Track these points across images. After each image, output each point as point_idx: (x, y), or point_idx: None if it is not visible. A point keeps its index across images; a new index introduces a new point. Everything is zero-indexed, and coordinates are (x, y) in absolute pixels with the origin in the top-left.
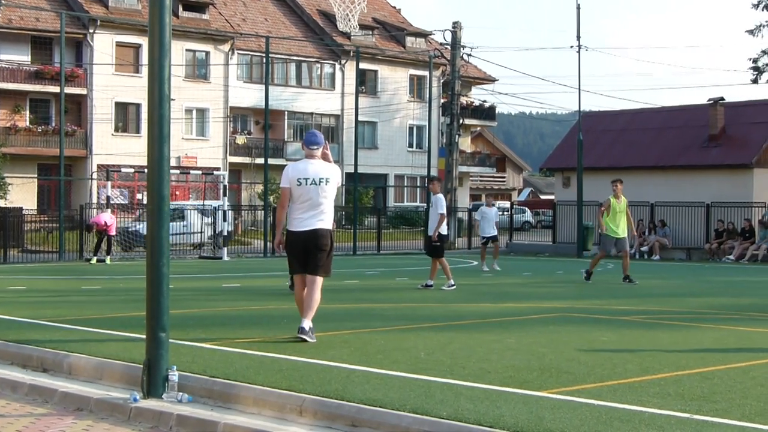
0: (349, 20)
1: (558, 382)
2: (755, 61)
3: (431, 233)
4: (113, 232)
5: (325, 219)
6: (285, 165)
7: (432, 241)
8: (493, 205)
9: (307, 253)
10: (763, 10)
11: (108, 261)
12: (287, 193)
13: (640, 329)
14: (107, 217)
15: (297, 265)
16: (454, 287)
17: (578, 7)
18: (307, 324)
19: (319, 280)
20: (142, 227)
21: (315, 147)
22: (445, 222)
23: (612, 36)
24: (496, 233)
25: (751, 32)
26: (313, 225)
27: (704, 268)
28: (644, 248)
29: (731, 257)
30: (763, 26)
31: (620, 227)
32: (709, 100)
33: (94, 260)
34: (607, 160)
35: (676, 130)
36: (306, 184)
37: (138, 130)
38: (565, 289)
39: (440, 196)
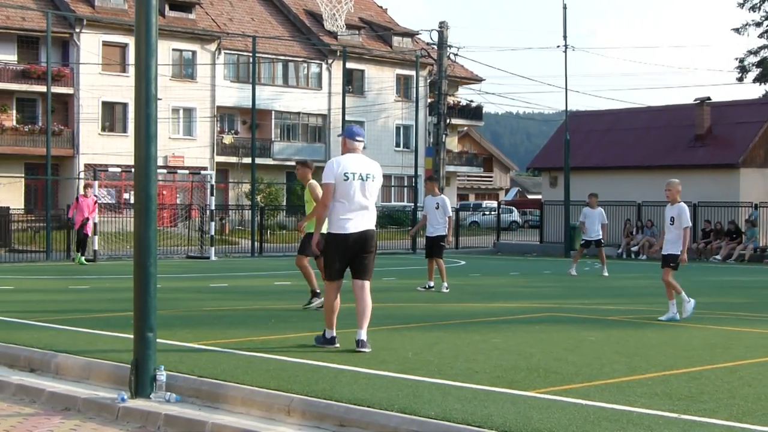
0: (336, 20)
1: (546, 381)
2: (741, 60)
3: (437, 235)
4: (88, 232)
5: (372, 219)
6: (272, 165)
7: (440, 243)
8: (597, 206)
9: (354, 257)
10: (749, 9)
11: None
12: (332, 189)
13: (628, 329)
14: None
15: (339, 270)
16: (432, 289)
17: (564, 8)
18: (364, 334)
19: (369, 285)
20: None
21: (360, 139)
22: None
23: (598, 36)
24: (598, 236)
25: (737, 31)
26: (363, 226)
27: (691, 268)
28: (634, 248)
29: (718, 257)
30: (749, 25)
31: None
32: (695, 99)
33: (82, 259)
34: (594, 159)
35: (663, 129)
36: (353, 179)
37: (125, 130)
38: (553, 289)
39: (444, 197)
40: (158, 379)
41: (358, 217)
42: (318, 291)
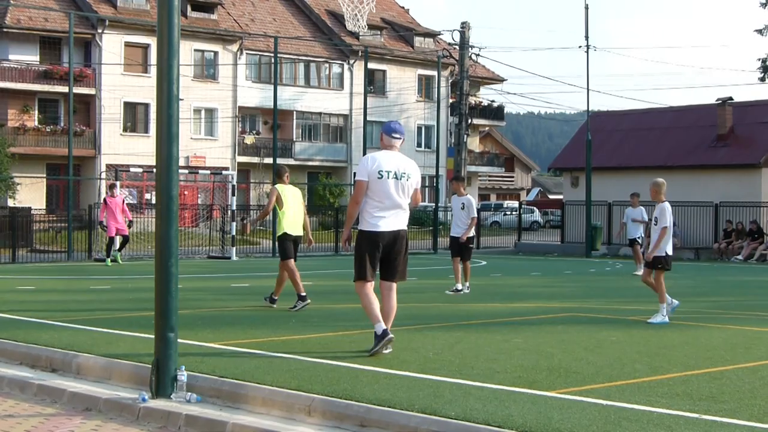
0: (358, 20)
1: (566, 382)
2: (764, 60)
3: (460, 235)
4: (112, 234)
5: (405, 219)
6: (293, 165)
7: (461, 243)
8: (639, 205)
9: (384, 257)
10: None
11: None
12: (364, 186)
13: (649, 329)
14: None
15: (370, 269)
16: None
17: (586, 7)
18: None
19: (395, 287)
20: None
21: (398, 136)
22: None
23: (620, 36)
24: (635, 236)
25: (759, 32)
26: (396, 226)
27: (713, 268)
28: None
29: (740, 257)
30: None
31: None
32: (717, 99)
33: (108, 261)
34: (616, 159)
35: (685, 129)
36: (387, 177)
37: (146, 130)
38: (574, 289)
39: (470, 197)
40: (179, 379)
41: (392, 216)
42: (275, 297)
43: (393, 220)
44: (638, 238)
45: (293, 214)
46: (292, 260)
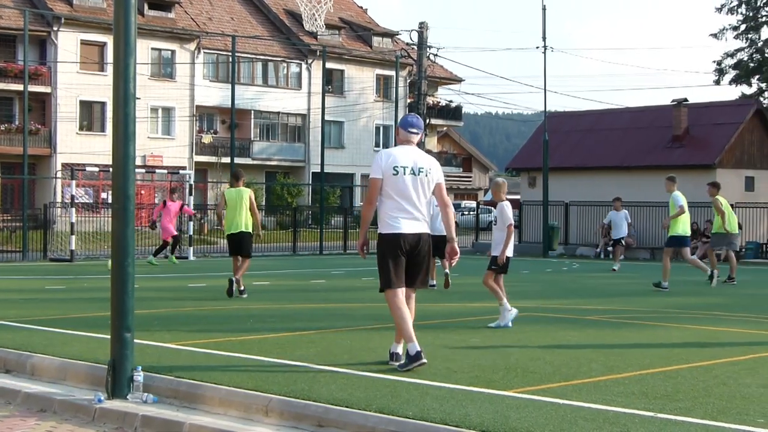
0: (316, 20)
1: (523, 381)
2: (719, 63)
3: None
4: (169, 236)
5: (427, 219)
6: (251, 164)
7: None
8: (622, 208)
9: (407, 261)
10: (726, 13)
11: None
12: (378, 185)
13: (605, 329)
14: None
15: (397, 274)
16: (434, 288)
17: (544, 8)
18: (401, 348)
19: (414, 295)
20: None
21: (415, 131)
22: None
23: (578, 37)
24: (619, 235)
25: (715, 35)
26: (417, 228)
27: None
28: (611, 248)
29: (695, 257)
30: (727, 29)
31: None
32: (673, 101)
33: (173, 258)
34: (573, 160)
35: (641, 130)
36: (404, 173)
37: (103, 129)
38: (531, 289)
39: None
40: (135, 379)
41: (412, 216)
42: (242, 288)
43: (414, 221)
44: (621, 239)
45: (232, 215)
46: (235, 256)
